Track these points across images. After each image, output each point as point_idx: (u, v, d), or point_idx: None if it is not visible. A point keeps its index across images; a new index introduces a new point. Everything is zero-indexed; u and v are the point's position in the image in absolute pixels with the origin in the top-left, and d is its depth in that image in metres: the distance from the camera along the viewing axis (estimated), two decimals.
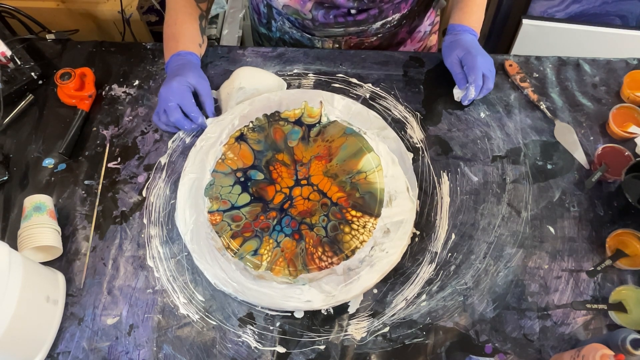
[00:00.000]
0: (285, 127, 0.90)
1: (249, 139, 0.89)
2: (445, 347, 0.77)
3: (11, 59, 0.97)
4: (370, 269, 0.79)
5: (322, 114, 0.91)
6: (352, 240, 0.80)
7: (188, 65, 0.92)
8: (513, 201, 0.88)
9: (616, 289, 0.79)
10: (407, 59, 1.02)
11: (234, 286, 0.78)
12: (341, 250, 0.80)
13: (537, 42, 1.54)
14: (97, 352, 0.77)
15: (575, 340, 0.77)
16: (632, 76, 0.95)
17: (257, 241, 0.81)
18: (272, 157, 0.88)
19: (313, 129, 0.90)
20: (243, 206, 0.84)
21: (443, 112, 0.96)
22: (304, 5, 0.97)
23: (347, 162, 0.87)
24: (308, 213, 0.83)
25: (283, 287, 0.78)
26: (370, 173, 0.85)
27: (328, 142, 0.89)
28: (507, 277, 0.82)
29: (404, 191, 0.85)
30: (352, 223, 0.82)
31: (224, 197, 0.85)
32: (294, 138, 0.89)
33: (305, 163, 0.87)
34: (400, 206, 0.83)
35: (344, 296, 0.77)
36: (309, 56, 1.03)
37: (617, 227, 0.83)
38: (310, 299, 0.77)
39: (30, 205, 0.83)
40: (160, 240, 0.85)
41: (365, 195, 0.84)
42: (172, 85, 0.88)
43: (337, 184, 0.85)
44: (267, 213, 0.83)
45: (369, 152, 0.87)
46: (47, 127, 0.96)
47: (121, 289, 0.82)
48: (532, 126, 0.95)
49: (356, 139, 0.88)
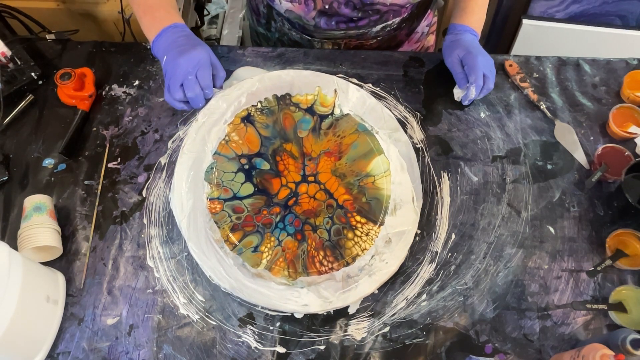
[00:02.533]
0: (296, 113, 0.86)
1: (257, 122, 0.84)
2: (445, 347, 0.77)
3: (11, 59, 0.97)
4: (369, 278, 0.78)
5: (335, 104, 0.87)
6: (354, 247, 0.80)
7: (187, 37, 0.86)
8: (513, 201, 0.88)
9: (616, 289, 0.79)
10: (407, 59, 1.02)
11: (231, 282, 0.76)
12: (342, 256, 0.79)
13: (537, 42, 1.54)
14: (97, 353, 0.77)
15: (575, 340, 0.77)
16: (632, 76, 0.95)
17: (258, 237, 0.80)
18: (279, 146, 0.84)
19: (325, 120, 0.87)
20: (246, 197, 0.80)
21: (443, 112, 0.96)
22: (308, 13, 0.97)
23: (356, 162, 0.85)
24: (313, 213, 0.82)
25: (281, 288, 0.77)
26: (378, 177, 0.84)
27: (339, 137, 0.86)
28: (507, 277, 0.82)
29: (410, 201, 0.83)
30: (356, 229, 0.81)
31: (225, 184, 0.80)
32: (305, 128, 0.85)
33: (314, 158, 0.84)
34: (404, 216, 0.82)
35: (340, 303, 0.77)
36: (309, 56, 1.03)
37: (617, 227, 0.83)
38: (307, 303, 0.76)
39: (30, 205, 0.83)
40: (160, 240, 0.85)
41: (371, 201, 0.83)
42: (193, 55, 0.81)
43: (344, 185, 0.84)
44: (270, 208, 0.80)
45: (379, 154, 0.85)
46: (47, 127, 0.96)
47: (121, 289, 0.82)
48: (532, 126, 0.95)
49: (368, 138, 0.86)
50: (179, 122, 0.96)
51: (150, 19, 0.88)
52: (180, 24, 0.88)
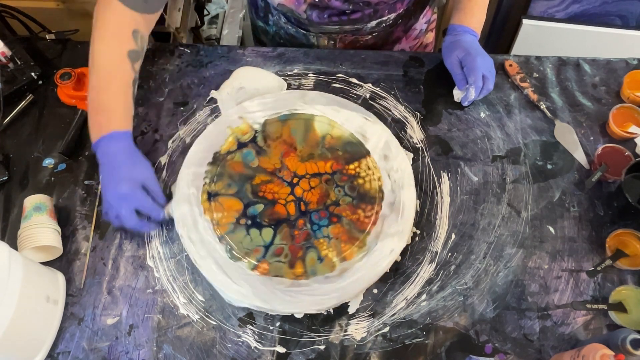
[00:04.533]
0: (236, 157, 0.89)
1: (219, 191, 0.86)
2: (445, 347, 0.77)
3: (11, 59, 0.97)
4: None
5: (250, 125, 0.91)
6: (371, 183, 0.86)
7: (127, 153, 0.81)
8: (513, 201, 0.88)
9: (616, 289, 0.79)
10: (407, 59, 1.02)
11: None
12: (373, 201, 0.84)
13: (537, 42, 1.54)
14: (97, 352, 0.77)
15: (575, 340, 0.77)
16: (632, 76, 0.95)
17: (314, 251, 0.81)
18: (251, 186, 0.86)
19: (257, 139, 0.90)
20: (274, 239, 0.82)
21: (443, 112, 0.96)
22: (299, 6, 0.97)
23: (307, 139, 0.90)
24: (324, 196, 0.85)
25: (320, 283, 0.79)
26: (331, 131, 0.90)
27: (278, 138, 0.90)
28: (507, 277, 0.82)
29: (366, 122, 0.91)
30: (359, 174, 0.87)
31: (251, 247, 0.81)
32: (252, 158, 0.88)
33: (280, 167, 0.88)
34: (373, 134, 0.89)
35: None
36: (309, 56, 1.03)
37: (617, 227, 0.83)
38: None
39: (30, 205, 0.83)
40: (160, 240, 0.85)
41: (346, 147, 0.89)
42: (121, 191, 0.78)
43: (319, 158, 0.88)
44: (296, 227, 0.83)
45: (313, 119, 0.91)
46: (47, 127, 0.96)
47: (121, 289, 0.82)
48: (532, 126, 0.95)
49: (294, 119, 0.91)
50: (179, 122, 0.96)
51: (93, 122, 0.82)
52: (116, 133, 0.80)
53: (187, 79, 1.01)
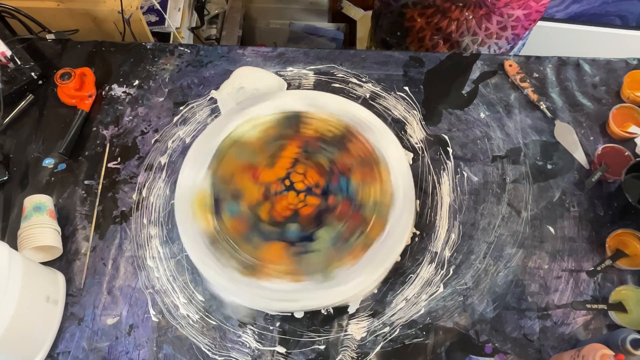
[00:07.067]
0: (225, 217, 0.82)
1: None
2: (445, 347, 0.77)
3: (11, 59, 0.97)
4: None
5: (204, 190, 0.83)
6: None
7: None
8: (513, 201, 0.88)
9: (616, 289, 0.79)
10: (407, 59, 1.02)
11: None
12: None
13: (537, 42, 1.54)
14: (97, 352, 0.77)
15: (575, 340, 0.77)
16: (632, 76, 0.95)
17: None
18: (260, 222, 0.81)
19: (219, 196, 0.83)
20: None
21: (443, 112, 0.96)
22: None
23: (250, 151, 0.85)
24: (319, 168, 0.84)
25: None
26: (262, 128, 0.87)
27: (232, 176, 0.84)
28: (507, 277, 0.82)
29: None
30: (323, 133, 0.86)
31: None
32: (236, 208, 0.82)
33: (264, 188, 0.83)
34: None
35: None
36: (309, 56, 1.03)
37: (617, 227, 0.83)
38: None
39: (30, 205, 0.83)
40: (160, 240, 0.85)
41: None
42: None
43: (280, 157, 0.85)
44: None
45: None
46: (47, 127, 0.96)
47: (121, 289, 0.82)
48: (532, 126, 0.95)
49: (226, 143, 0.86)
50: (179, 122, 0.96)
51: None
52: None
53: (187, 79, 1.01)
